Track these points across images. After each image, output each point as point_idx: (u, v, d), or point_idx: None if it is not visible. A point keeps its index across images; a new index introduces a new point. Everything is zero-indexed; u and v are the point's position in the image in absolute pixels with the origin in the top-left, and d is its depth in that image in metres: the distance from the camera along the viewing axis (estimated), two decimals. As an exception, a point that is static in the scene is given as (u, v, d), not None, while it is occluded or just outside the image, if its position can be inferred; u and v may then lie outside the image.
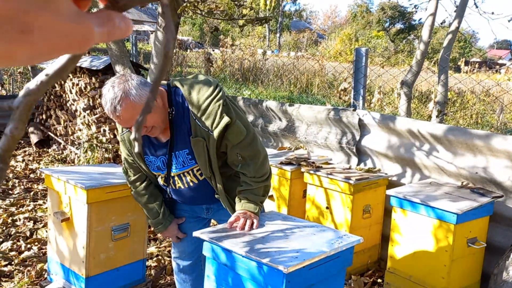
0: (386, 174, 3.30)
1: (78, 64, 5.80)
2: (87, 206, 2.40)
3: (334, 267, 1.73)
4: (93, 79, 5.67)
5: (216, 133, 1.84)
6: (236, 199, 2.01)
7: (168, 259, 3.36)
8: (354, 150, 3.61)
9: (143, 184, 2.17)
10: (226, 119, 1.83)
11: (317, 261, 1.63)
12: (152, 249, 3.50)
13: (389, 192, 2.78)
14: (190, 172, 2.02)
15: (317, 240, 1.76)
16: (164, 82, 2.01)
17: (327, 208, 3.23)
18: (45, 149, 6.84)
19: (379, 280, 3.14)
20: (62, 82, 6.43)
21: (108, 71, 5.58)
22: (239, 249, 1.64)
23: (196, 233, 1.81)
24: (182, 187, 2.08)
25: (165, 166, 2.03)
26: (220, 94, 1.86)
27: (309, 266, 1.60)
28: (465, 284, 2.69)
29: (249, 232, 1.82)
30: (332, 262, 1.71)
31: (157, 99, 1.84)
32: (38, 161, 6.16)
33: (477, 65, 14.74)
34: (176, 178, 2.06)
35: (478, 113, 8.88)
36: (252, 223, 1.88)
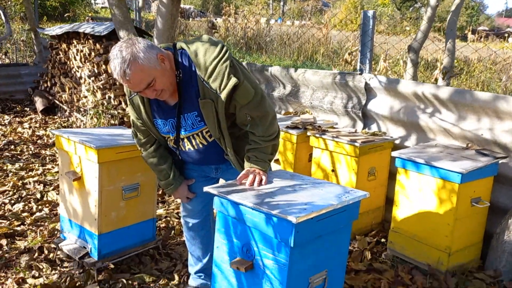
0: (391, 137, 3.32)
1: (81, 30, 5.77)
2: (98, 166, 2.45)
3: (341, 220, 1.78)
4: (97, 45, 5.64)
5: (224, 94, 1.85)
6: (245, 158, 2.04)
7: (177, 220, 3.44)
8: (360, 115, 3.62)
9: (153, 147, 2.21)
10: (233, 80, 1.84)
11: (324, 213, 1.67)
12: (160, 211, 3.58)
13: (394, 153, 2.82)
14: (199, 134, 2.05)
15: (325, 195, 1.80)
16: (170, 44, 2.01)
17: (332, 171, 3.27)
18: (50, 116, 6.88)
19: (382, 240, 3.21)
20: (66, 49, 6.41)
21: (112, 37, 5.55)
22: (248, 202, 1.69)
23: (206, 188, 1.85)
24: (192, 149, 2.11)
25: (175, 129, 2.06)
26: (227, 55, 1.86)
27: (317, 218, 1.65)
28: (468, 243, 2.75)
29: (258, 188, 1.87)
30: (339, 215, 1.75)
31: (165, 61, 1.85)
32: (44, 128, 6.21)
33: (484, 34, 14.49)
34: (185, 140, 2.09)
35: (484, 81, 8.81)
36: (261, 180, 1.92)
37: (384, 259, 2.92)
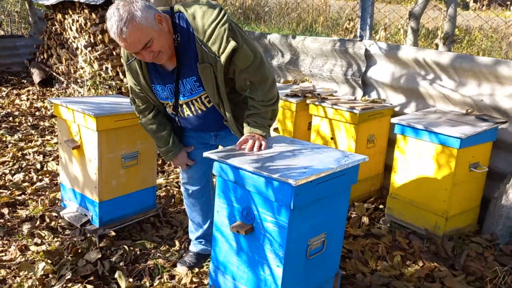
0: (391, 104, 3.31)
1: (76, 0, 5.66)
2: (97, 134, 2.44)
3: (340, 183, 1.79)
4: (93, 14, 5.54)
5: (223, 58, 1.83)
6: (244, 123, 2.03)
7: (177, 189, 3.46)
8: (360, 82, 3.60)
9: (151, 114, 2.19)
10: (232, 44, 1.81)
11: (324, 177, 1.68)
12: (160, 180, 3.60)
13: (393, 120, 2.81)
14: (198, 99, 2.04)
15: (324, 159, 1.80)
16: (167, 8, 1.97)
17: (332, 138, 3.27)
18: (48, 88, 6.83)
19: (381, 206, 3.25)
20: (62, 19, 6.30)
21: (107, 6, 5.45)
22: (248, 166, 1.69)
23: (206, 154, 1.85)
24: (191, 115, 2.10)
25: (173, 94, 2.04)
26: (225, 18, 1.83)
27: (317, 181, 1.66)
28: (465, 208, 2.78)
29: (257, 153, 1.87)
30: (338, 178, 1.76)
31: (162, 23, 1.82)
32: (42, 100, 6.17)
33: (486, 1, 14.23)
34: (184, 106, 2.08)
35: (485, 50, 8.72)
36: (261, 145, 1.92)
37: (382, 225, 2.95)
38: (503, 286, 2.33)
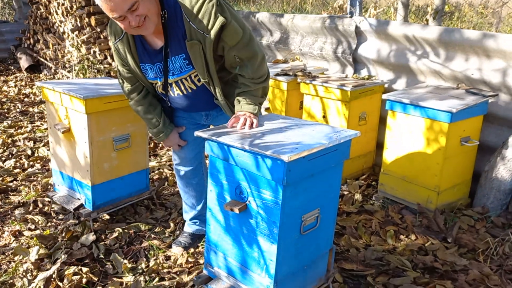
0: (382, 81, 3.30)
1: (61, -18, 5.54)
2: (86, 117, 2.42)
3: (333, 159, 1.79)
4: (79, -3, 5.44)
5: (212, 34, 1.80)
6: (235, 101, 2.02)
7: (170, 171, 3.45)
8: (350, 59, 3.58)
9: (141, 94, 2.16)
10: (221, 19, 1.78)
11: (316, 152, 1.68)
12: (153, 163, 3.59)
13: (384, 96, 2.81)
14: (187, 78, 2.01)
15: (316, 134, 1.80)
16: None
17: (323, 117, 3.27)
18: (36, 74, 6.73)
19: (373, 183, 3.27)
20: (47, 3, 6.18)
21: (93, -12, 5.34)
22: (239, 144, 1.68)
23: (197, 133, 1.84)
24: (181, 94, 2.08)
25: (162, 73, 2.01)
26: None
27: (309, 157, 1.66)
28: (457, 181, 2.80)
29: (249, 130, 1.86)
30: (330, 154, 1.76)
31: None
32: (30, 86, 6.09)
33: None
34: (174, 85, 2.05)
35: (475, 27, 8.70)
36: (252, 123, 1.91)
37: (375, 201, 2.98)
38: (495, 257, 2.37)
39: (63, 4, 5.76)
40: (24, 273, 2.19)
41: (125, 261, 2.33)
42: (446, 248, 2.44)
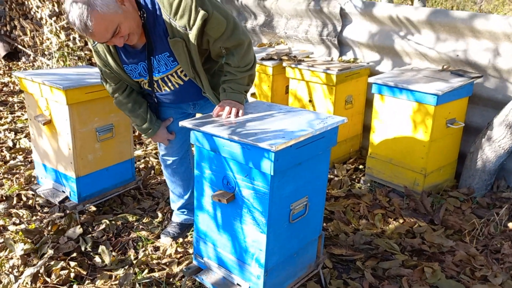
0: (367, 64, 3.28)
1: (36, -34, 5.35)
2: (67, 108, 2.35)
3: (320, 146, 1.77)
4: (55, -18, 5.27)
5: (194, 30, 1.75)
6: (220, 89, 1.98)
7: (156, 160, 3.41)
8: (336, 42, 3.55)
9: (125, 93, 2.10)
10: (202, 13, 1.72)
11: (303, 141, 1.66)
12: (138, 152, 3.54)
13: (370, 79, 2.79)
14: (174, 74, 1.96)
15: (303, 122, 1.78)
16: None
17: (310, 101, 3.25)
18: (14, 62, 6.56)
19: (360, 167, 3.28)
20: (22, -12, 5.98)
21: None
22: (225, 134, 1.65)
23: (181, 123, 1.80)
24: (168, 90, 2.03)
25: (147, 72, 1.96)
26: None
27: (296, 146, 1.64)
28: (443, 163, 2.82)
29: (234, 119, 1.83)
30: (318, 141, 1.74)
31: (125, 2, 1.71)
32: (9, 74, 5.93)
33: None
34: (160, 82, 2.00)
35: (459, 5, 8.71)
36: (238, 111, 1.88)
37: (363, 185, 2.99)
38: (481, 237, 2.41)
39: (39, -11, 5.58)
40: (10, 269, 2.15)
41: (114, 253, 2.31)
42: (433, 230, 2.47)
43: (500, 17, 2.63)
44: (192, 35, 1.76)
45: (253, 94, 3.54)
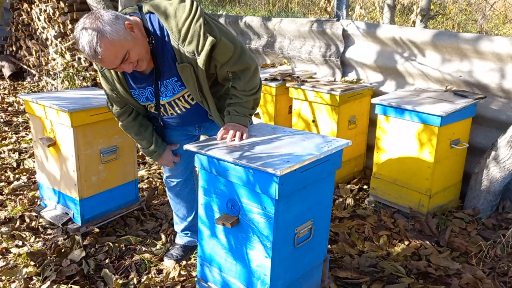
0: (370, 84, 3.30)
1: (43, -12, 5.45)
2: (72, 130, 2.36)
3: (325, 170, 1.77)
4: (61, 3, 5.35)
5: (203, 56, 1.76)
6: (225, 112, 1.99)
7: (159, 180, 3.41)
8: (339, 63, 3.57)
9: (131, 116, 2.11)
10: (210, 40, 1.74)
11: (308, 164, 1.66)
12: (142, 172, 3.54)
13: (374, 100, 2.80)
14: (181, 98, 1.98)
15: (308, 145, 1.78)
16: (135, 8, 1.88)
17: (313, 121, 3.25)
18: (19, 82, 6.62)
19: (365, 187, 3.26)
20: (29, 9, 6.07)
21: (76, -6, 5.26)
22: (229, 158, 1.65)
23: (186, 146, 1.81)
24: (175, 114, 2.04)
25: (154, 96, 1.97)
26: (199, 12, 1.75)
27: (301, 169, 1.63)
28: (448, 184, 2.81)
29: (239, 143, 1.83)
30: (322, 165, 1.74)
31: (134, 29, 1.73)
32: (14, 94, 5.98)
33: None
34: (167, 105, 2.01)
35: (460, 24, 8.78)
36: (242, 135, 1.88)
37: (367, 205, 2.97)
38: (487, 259, 2.38)
39: (45, 11, 5.66)
40: (12, 293, 2.13)
41: (116, 276, 2.29)
42: (439, 252, 2.44)
43: (505, 39, 2.65)
44: (201, 60, 1.77)
45: (256, 114, 3.55)
